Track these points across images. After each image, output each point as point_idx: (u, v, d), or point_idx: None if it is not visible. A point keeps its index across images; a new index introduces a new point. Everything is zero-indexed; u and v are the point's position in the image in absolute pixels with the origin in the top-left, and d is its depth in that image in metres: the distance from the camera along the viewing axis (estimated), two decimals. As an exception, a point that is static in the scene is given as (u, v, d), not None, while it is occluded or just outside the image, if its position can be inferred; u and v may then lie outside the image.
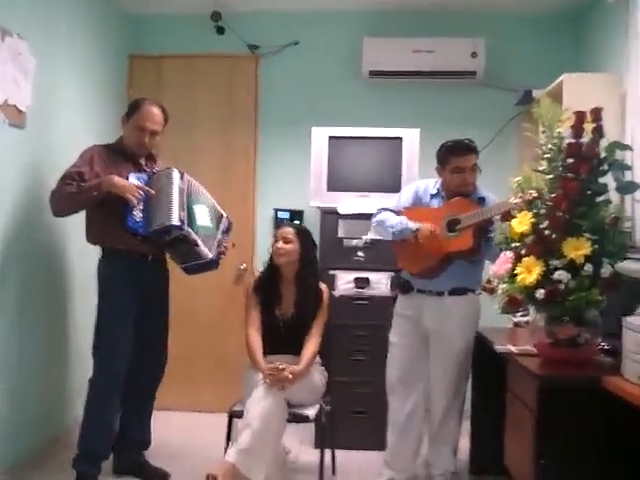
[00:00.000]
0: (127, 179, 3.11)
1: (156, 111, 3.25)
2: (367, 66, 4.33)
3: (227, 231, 3.37)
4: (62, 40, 3.63)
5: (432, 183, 3.27)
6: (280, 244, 3.22)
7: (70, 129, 3.67)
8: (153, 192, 3.09)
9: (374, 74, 4.37)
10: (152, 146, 3.31)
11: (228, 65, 4.58)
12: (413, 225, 3.09)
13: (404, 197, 3.30)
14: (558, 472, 2.33)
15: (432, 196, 3.24)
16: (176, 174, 3.19)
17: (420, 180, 3.46)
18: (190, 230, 3.10)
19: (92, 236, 3.22)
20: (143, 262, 3.21)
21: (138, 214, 3.06)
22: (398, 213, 3.21)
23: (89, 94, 3.96)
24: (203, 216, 3.24)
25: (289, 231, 3.26)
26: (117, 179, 3.05)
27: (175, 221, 3.04)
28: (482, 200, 3.13)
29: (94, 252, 3.25)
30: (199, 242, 3.13)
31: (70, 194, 3.01)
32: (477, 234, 3.03)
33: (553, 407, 2.34)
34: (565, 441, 2.34)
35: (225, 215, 3.38)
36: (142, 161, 3.30)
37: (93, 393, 3.15)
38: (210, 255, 3.17)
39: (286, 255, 3.22)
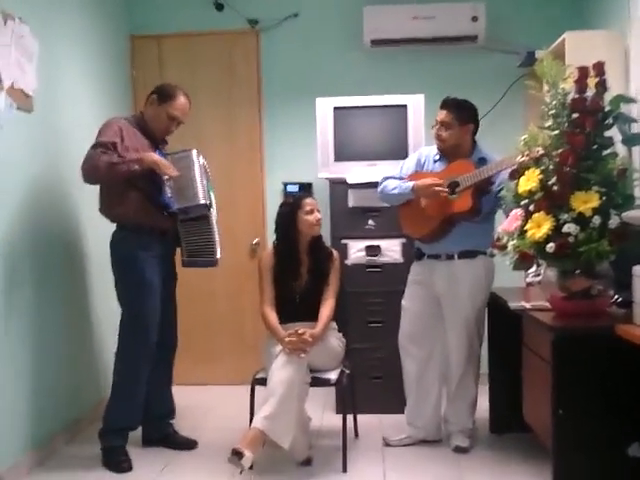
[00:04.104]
0: None
1: (187, 103, 3.33)
2: (368, 35, 4.33)
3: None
4: (63, 23, 3.65)
5: (435, 149, 3.31)
6: (318, 215, 3.26)
7: (75, 111, 3.71)
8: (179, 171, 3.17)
9: (376, 43, 4.36)
10: (172, 133, 3.40)
11: (229, 41, 4.59)
12: (409, 184, 3.18)
13: (407, 165, 3.37)
14: (576, 422, 2.39)
15: (435, 161, 3.30)
16: (196, 155, 3.28)
17: (424, 147, 3.51)
18: (213, 211, 3.25)
19: (113, 211, 3.23)
20: (163, 237, 3.29)
21: (169, 190, 3.16)
22: (401, 180, 3.27)
23: (92, 75, 3.99)
24: (212, 195, 3.34)
25: (315, 202, 3.30)
26: (157, 156, 3.13)
27: (203, 200, 3.18)
28: (483, 160, 3.17)
29: (108, 228, 3.28)
30: (215, 227, 3.29)
31: (110, 163, 3.02)
32: (476, 194, 3.08)
33: (568, 358, 2.40)
34: (582, 391, 2.40)
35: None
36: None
37: (125, 366, 3.20)
38: (218, 248, 3.32)
39: (320, 226, 3.27)
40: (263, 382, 3.05)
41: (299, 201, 3.29)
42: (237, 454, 2.76)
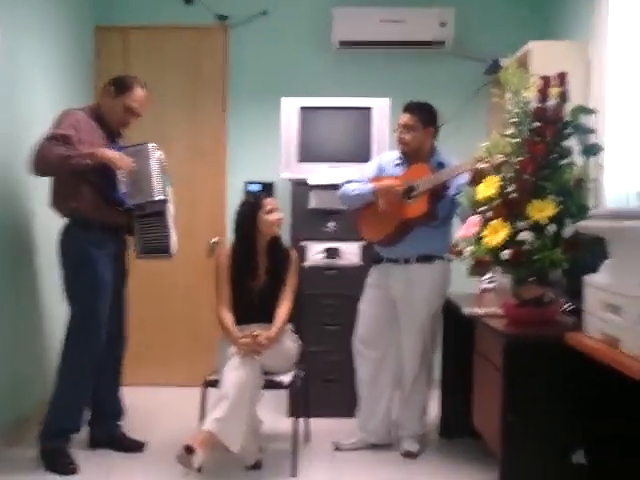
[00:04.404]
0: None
1: (145, 95, 3.26)
2: (337, 36, 4.32)
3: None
4: (27, 12, 3.54)
5: (396, 153, 3.32)
6: (278, 214, 3.22)
7: (35, 99, 3.61)
8: (134, 166, 3.10)
9: (344, 44, 4.36)
10: (129, 126, 3.32)
11: (196, 36, 4.54)
12: (369, 185, 3.19)
13: (368, 169, 3.38)
14: (525, 427, 2.40)
15: (395, 165, 3.31)
16: (153, 148, 3.22)
17: (385, 152, 3.52)
18: (170, 206, 3.20)
19: (65, 206, 3.13)
20: (116, 233, 3.23)
21: (123, 185, 3.09)
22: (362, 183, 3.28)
23: (54, 65, 3.89)
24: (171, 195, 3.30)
25: (275, 202, 3.27)
26: (110, 151, 3.06)
27: (160, 195, 3.13)
28: (441, 165, 3.19)
29: (60, 222, 3.19)
30: (171, 222, 3.25)
31: (62, 156, 2.93)
32: (432, 199, 3.09)
33: (519, 365, 2.40)
34: (531, 397, 2.41)
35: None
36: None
37: (72, 365, 3.10)
38: (172, 243, 3.29)
39: (280, 225, 3.24)
40: (215, 384, 3.00)
41: (259, 200, 3.25)
42: (188, 450, 2.71)
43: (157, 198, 3.13)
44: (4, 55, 3.26)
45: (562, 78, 2.60)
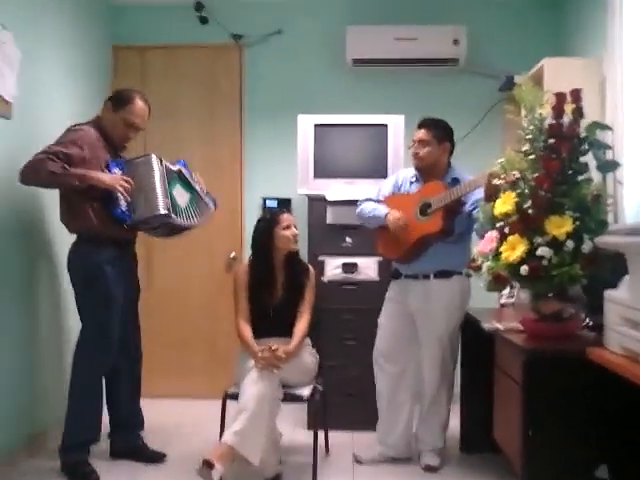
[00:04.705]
0: (108, 165, 3.15)
1: (146, 108, 3.29)
2: (350, 54, 4.38)
3: (191, 175, 3.40)
4: (46, 31, 3.64)
5: (412, 170, 3.37)
6: (295, 230, 3.27)
7: (55, 120, 3.67)
8: (132, 183, 3.11)
9: (358, 62, 4.42)
10: (132, 139, 3.35)
11: (212, 55, 4.61)
12: (383, 211, 3.23)
13: (384, 187, 3.43)
14: (545, 442, 2.40)
15: (411, 183, 3.35)
16: (155, 160, 3.22)
17: (402, 170, 3.56)
18: (174, 217, 3.20)
19: (75, 223, 3.17)
20: (126, 248, 3.29)
21: (124, 204, 3.11)
22: (379, 202, 3.33)
23: (74, 85, 3.98)
24: (180, 195, 3.29)
25: (292, 218, 3.32)
26: (102, 175, 3.06)
27: (163, 210, 3.13)
28: (455, 181, 3.21)
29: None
30: (184, 223, 3.27)
31: (51, 173, 2.95)
32: (447, 215, 3.12)
33: (539, 380, 2.41)
34: (551, 412, 2.41)
35: (177, 167, 3.35)
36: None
37: (84, 379, 3.16)
38: (212, 210, 3.42)
39: (297, 241, 3.28)
40: (235, 397, 3.03)
41: (276, 216, 3.30)
42: (208, 465, 2.73)
43: (161, 212, 3.13)
44: (25, 74, 3.33)
45: (577, 95, 2.63)
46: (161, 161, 3.25)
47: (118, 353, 3.29)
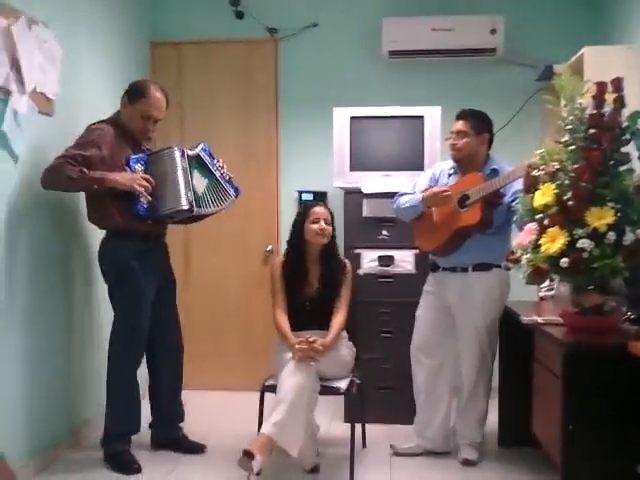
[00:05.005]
0: (127, 162, 3.17)
1: (162, 98, 3.26)
2: (386, 46, 4.36)
3: (212, 156, 3.37)
4: (85, 28, 3.70)
5: (450, 163, 3.34)
6: (322, 224, 3.27)
7: (96, 116, 3.71)
8: (153, 182, 3.12)
9: (394, 54, 4.40)
10: (153, 132, 3.34)
11: (248, 49, 4.64)
12: (419, 195, 3.22)
13: (421, 181, 3.41)
14: (585, 436, 2.38)
15: (449, 175, 3.33)
16: (177, 153, 3.22)
17: (439, 162, 3.54)
18: (197, 209, 3.21)
19: (100, 218, 3.22)
20: (156, 243, 3.32)
21: (145, 200, 3.12)
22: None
23: (113, 80, 4.03)
24: (199, 181, 3.27)
25: (325, 212, 3.31)
26: (120, 176, 3.07)
27: (185, 205, 3.15)
28: (495, 172, 3.19)
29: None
30: (207, 212, 3.29)
31: (70, 178, 2.98)
32: (486, 207, 3.09)
33: (579, 373, 2.39)
34: (592, 407, 2.39)
35: (198, 150, 3.33)
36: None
37: (117, 372, 3.22)
38: (231, 198, 3.35)
39: (327, 236, 3.28)
40: (273, 389, 3.06)
41: (307, 210, 3.33)
42: (248, 455, 2.76)
43: (184, 207, 3.15)
44: (66, 71, 3.39)
45: (618, 83, 2.58)
46: (183, 152, 3.25)
47: (162, 347, 3.36)
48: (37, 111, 3.14)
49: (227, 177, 3.37)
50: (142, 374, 3.41)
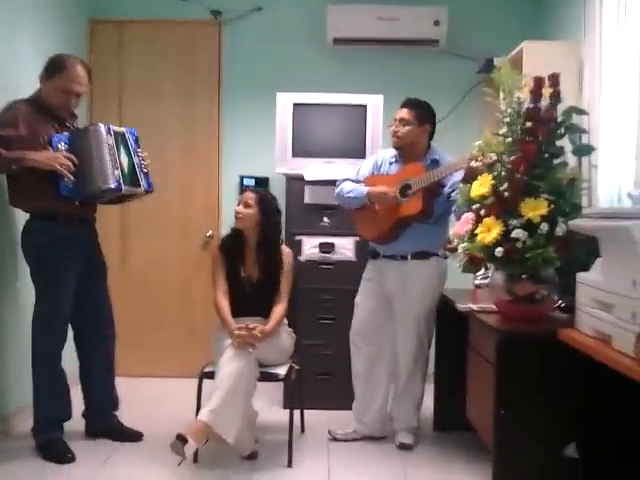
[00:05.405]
0: (50, 140, 3.04)
1: (82, 72, 3.12)
2: (331, 33, 4.35)
3: (137, 143, 3.29)
4: (22, 3, 3.55)
5: (392, 151, 3.36)
6: (240, 208, 3.25)
7: (29, 92, 3.57)
8: (75, 160, 2.99)
9: (338, 41, 4.39)
10: (76, 107, 3.23)
11: (191, 31, 4.56)
12: (364, 189, 3.23)
13: (364, 167, 3.42)
14: (517, 421, 2.46)
15: (390, 163, 3.36)
16: (103, 129, 3.10)
17: (381, 150, 3.56)
18: (126, 187, 3.11)
19: (22, 201, 3.10)
20: (81, 225, 3.20)
21: (69, 180, 3.00)
22: (358, 183, 3.33)
23: (48, 58, 3.89)
24: (125, 160, 3.17)
25: (250, 196, 3.27)
26: (39, 154, 2.94)
27: (112, 184, 3.04)
28: (435, 162, 3.24)
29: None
30: (134, 191, 3.19)
31: None
32: (427, 197, 3.14)
33: (512, 360, 2.46)
34: (524, 392, 2.46)
35: (125, 130, 3.25)
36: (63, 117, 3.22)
37: (40, 357, 3.13)
38: (141, 189, 3.21)
39: (244, 220, 3.25)
40: (211, 376, 3.03)
41: (240, 195, 3.30)
42: (181, 439, 2.74)
43: (111, 186, 3.03)
44: None
45: (555, 79, 2.64)
46: (109, 128, 3.14)
47: (91, 333, 3.29)
48: (-34, 85, 3.01)
49: (145, 170, 3.26)
50: (74, 361, 3.35)
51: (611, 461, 2.41)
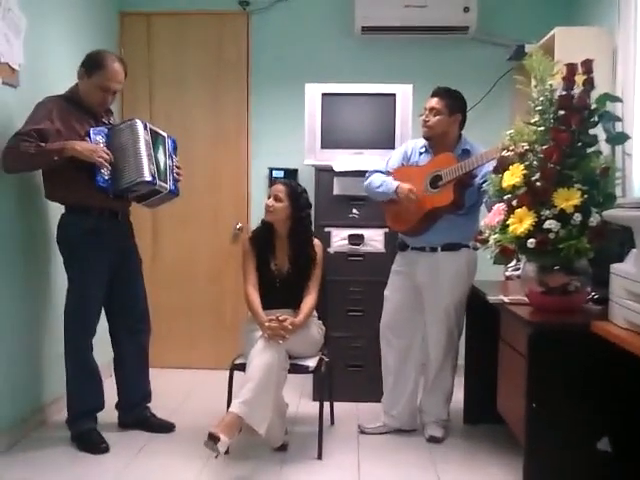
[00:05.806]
0: (87, 134, 3.08)
1: (120, 69, 3.17)
2: (359, 22, 4.31)
3: (175, 151, 3.34)
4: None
5: (422, 141, 3.32)
6: (270, 201, 3.25)
7: (62, 87, 3.63)
8: (112, 156, 3.04)
9: (366, 30, 4.36)
10: (112, 103, 3.28)
11: (219, 21, 4.56)
12: (393, 184, 3.19)
13: (393, 158, 3.38)
14: (549, 414, 2.42)
15: (420, 154, 3.31)
16: (140, 126, 3.14)
17: (411, 140, 3.52)
18: (161, 183, 3.15)
19: (57, 193, 3.15)
20: (114, 220, 3.23)
21: (106, 172, 3.04)
22: (387, 174, 3.29)
23: (80, 52, 3.88)
24: (162, 158, 3.22)
25: (280, 189, 3.26)
26: (80, 145, 2.98)
27: (147, 177, 3.07)
28: (466, 152, 3.19)
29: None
30: (167, 188, 3.20)
31: (28, 155, 2.90)
32: (458, 188, 3.09)
33: (544, 352, 2.42)
34: (555, 385, 2.43)
35: (165, 135, 3.30)
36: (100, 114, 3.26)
37: (71, 349, 3.18)
38: (169, 187, 3.22)
39: (274, 213, 3.24)
40: (242, 368, 3.05)
41: (270, 187, 3.29)
42: (213, 438, 2.76)
43: (146, 179, 3.06)
44: (31, 41, 3.30)
45: (588, 65, 2.59)
46: (146, 125, 3.18)
47: (125, 327, 3.33)
48: (1, 82, 3.06)
49: (176, 175, 3.29)
50: (109, 354, 3.40)
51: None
